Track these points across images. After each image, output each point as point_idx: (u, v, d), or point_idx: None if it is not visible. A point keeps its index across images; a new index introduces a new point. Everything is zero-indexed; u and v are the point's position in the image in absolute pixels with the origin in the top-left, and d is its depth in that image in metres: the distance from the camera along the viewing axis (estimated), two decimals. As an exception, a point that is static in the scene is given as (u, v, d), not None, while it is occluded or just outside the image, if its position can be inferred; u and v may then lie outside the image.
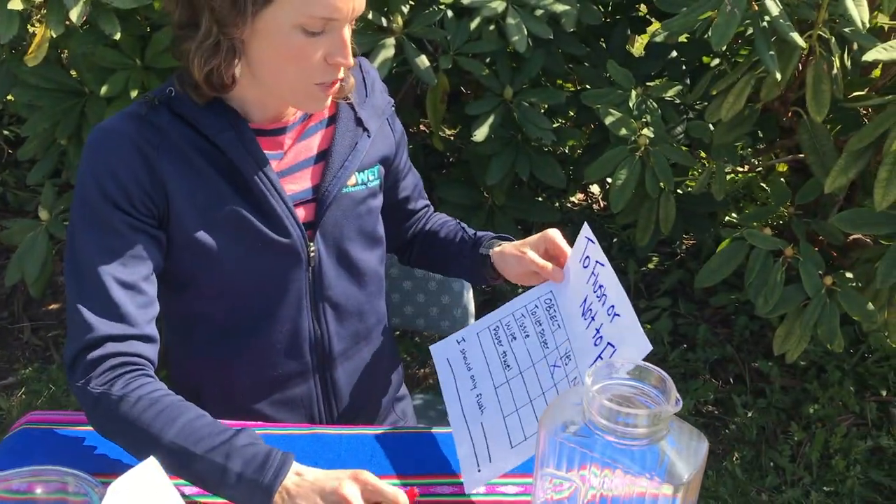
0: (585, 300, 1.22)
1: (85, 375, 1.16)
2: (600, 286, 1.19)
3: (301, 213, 1.32)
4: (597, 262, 1.22)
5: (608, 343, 1.16)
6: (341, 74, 1.21)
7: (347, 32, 1.18)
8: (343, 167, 1.33)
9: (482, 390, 1.27)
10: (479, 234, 1.50)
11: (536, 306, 1.31)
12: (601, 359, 1.15)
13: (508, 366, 1.28)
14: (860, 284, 1.98)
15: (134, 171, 1.20)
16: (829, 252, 2.28)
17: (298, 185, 1.32)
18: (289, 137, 1.32)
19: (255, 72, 1.22)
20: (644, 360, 1.02)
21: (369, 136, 1.36)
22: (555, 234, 1.32)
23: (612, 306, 1.17)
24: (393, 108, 1.45)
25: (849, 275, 1.97)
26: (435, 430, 1.32)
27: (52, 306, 3.02)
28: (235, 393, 1.39)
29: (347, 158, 1.34)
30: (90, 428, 1.22)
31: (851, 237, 2.31)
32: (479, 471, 1.19)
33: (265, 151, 1.28)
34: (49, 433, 1.29)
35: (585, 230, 1.25)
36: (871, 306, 1.86)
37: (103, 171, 1.20)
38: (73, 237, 1.22)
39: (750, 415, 2.60)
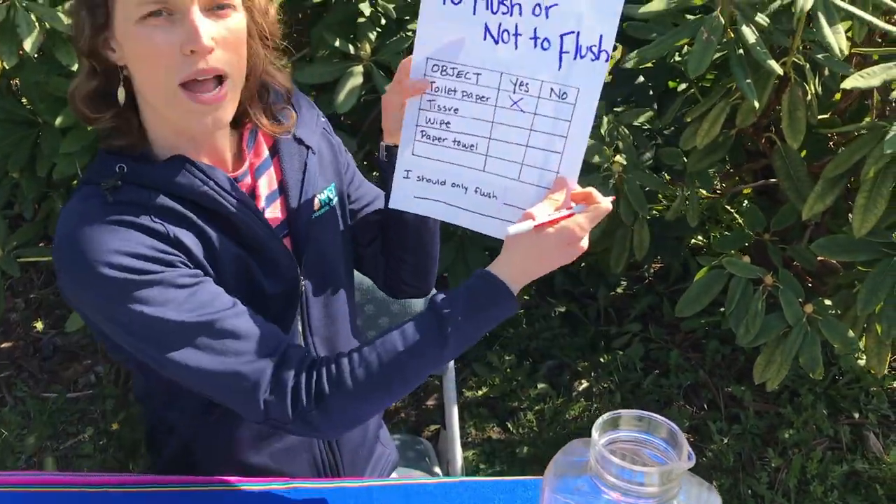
0: (497, 27, 1.14)
1: (296, 406, 1.12)
2: (500, 2, 1.12)
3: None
4: None
5: (562, 34, 1.11)
6: (205, 67, 1.08)
7: (204, 19, 1.07)
8: (302, 191, 1.28)
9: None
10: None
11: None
12: (566, 52, 1.11)
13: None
14: (839, 311, 1.97)
15: (144, 242, 1.10)
16: (803, 276, 2.27)
17: (272, 223, 1.26)
18: (250, 178, 1.26)
19: (143, 94, 1.14)
20: (616, 388, 0.98)
21: (314, 153, 1.31)
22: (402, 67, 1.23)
23: (537, 4, 1.11)
24: (323, 120, 1.39)
25: (828, 302, 1.95)
26: (437, 480, 1.28)
27: (4, 345, 2.89)
28: (234, 448, 1.32)
29: (303, 182, 1.28)
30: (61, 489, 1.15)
31: (818, 258, 2.31)
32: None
33: None
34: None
35: None
36: (851, 333, 1.85)
37: (117, 250, 1.08)
38: (144, 327, 1.09)
39: (726, 441, 2.58)
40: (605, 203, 1.14)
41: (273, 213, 1.27)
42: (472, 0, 1.14)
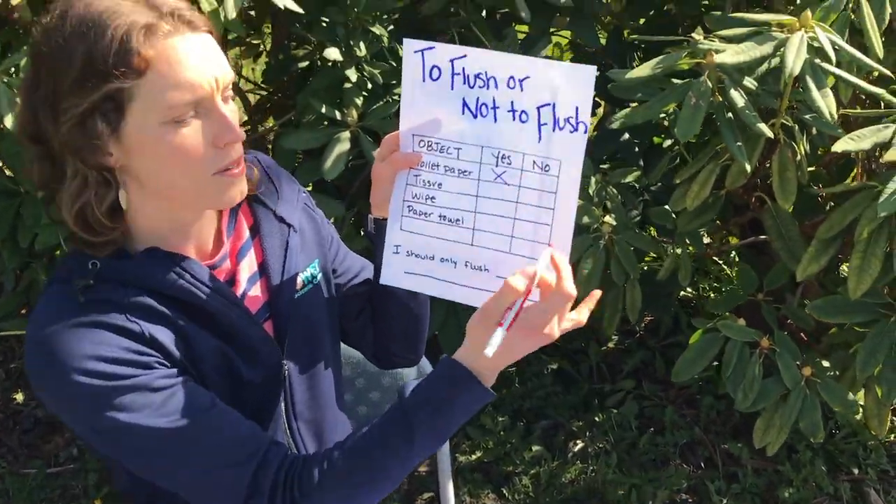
0: (475, 101, 1.14)
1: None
2: (476, 76, 1.13)
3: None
4: (450, 59, 1.14)
5: (538, 106, 1.11)
6: (238, 153, 1.10)
7: (225, 107, 1.07)
8: (284, 272, 1.25)
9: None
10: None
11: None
12: (544, 124, 1.12)
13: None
14: (837, 372, 1.95)
15: (116, 341, 1.05)
16: (797, 333, 2.25)
17: (253, 306, 1.23)
18: (228, 264, 1.23)
19: (155, 190, 1.09)
20: (612, 448, 0.96)
21: (296, 231, 1.28)
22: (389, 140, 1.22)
23: (510, 77, 1.12)
24: (304, 195, 1.36)
25: (826, 363, 1.93)
26: None
27: (-18, 417, 2.81)
28: None
29: (285, 262, 1.25)
30: None
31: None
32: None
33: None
34: None
35: (407, 46, 1.16)
36: (851, 396, 1.82)
37: (90, 356, 1.03)
38: (121, 434, 1.05)
39: (725, 501, 2.53)
40: (569, 289, 1.09)
41: (255, 295, 1.24)
42: (449, 75, 1.14)
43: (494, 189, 1.17)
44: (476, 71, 1.13)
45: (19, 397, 2.84)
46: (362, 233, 2.44)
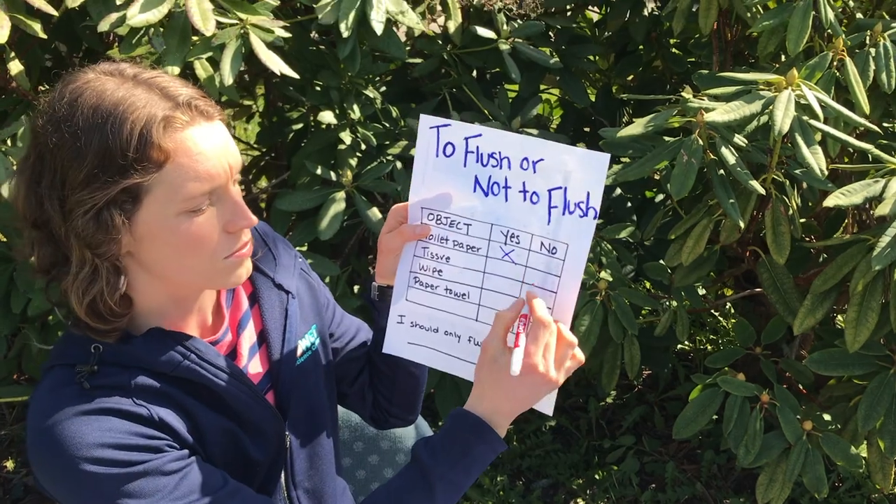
0: (487, 179, 1.16)
1: None
2: (490, 155, 1.14)
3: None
4: (465, 137, 1.15)
5: (550, 189, 1.12)
6: (248, 236, 1.12)
7: (236, 191, 1.08)
8: (284, 340, 1.24)
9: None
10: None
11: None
12: (554, 207, 1.13)
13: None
14: (838, 426, 1.94)
15: (125, 427, 1.03)
16: (795, 387, 2.24)
17: (254, 377, 1.23)
18: (229, 337, 1.22)
19: (160, 275, 1.08)
20: (625, 486, 0.96)
21: (294, 297, 1.28)
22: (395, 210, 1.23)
23: (524, 158, 1.13)
24: (300, 260, 1.36)
25: (827, 417, 1.92)
26: None
27: (-28, 486, 2.75)
28: None
29: (285, 330, 1.24)
30: None
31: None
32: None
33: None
34: None
35: (422, 122, 1.16)
36: (854, 450, 1.81)
37: (99, 444, 1.01)
38: None
39: (730, 559, 2.49)
40: (568, 336, 1.12)
41: (255, 366, 1.23)
42: (463, 153, 1.15)
43: (502, 267, 1.17)
44: (490, 150, 1.14)
45: (9, 465, 2.79)
46: (355, 290, 2.44)
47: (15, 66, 1.88)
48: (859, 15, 2.13)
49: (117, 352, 1.07)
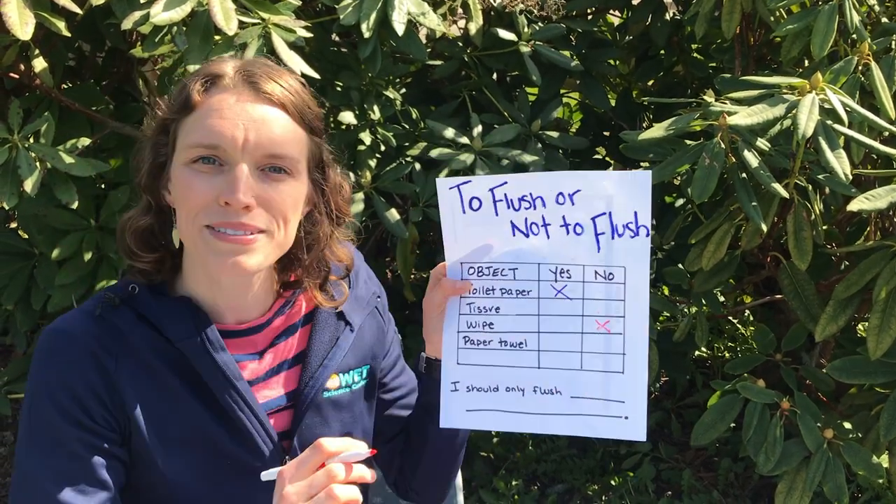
0: (523, 222, 1.14)
1: None
2: (520, 199, 1.12)
3: (278, 422, 1.18)
4: (490, 188, 1.13)
5: (593, 217, 1.11)
6: (236, 219, 1.05)
7: (243, 169, 1.04)
8: (322, 366, 1.19)
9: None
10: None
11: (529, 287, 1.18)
12: (601, 234, 1.11)
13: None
14: (859, 434, 1.92)
15: (90, 383, 1.07)
16: (816, 395, 2.22)
17: (274, 390, 1.19)
18: (265, 336, 1.19)
19: (182, 238, 1.12)
20: (641, 493, 0.95)
21: (352, 331, 1.23)
22: (436, 271, 1.20)
23: (559, 193, 1.11)
24: (379, 299, 1.31)
25: (847, 425, 1.90)
26: None
27: (-11, 481, 2.77)
28: None
29: (326, 357, 1.20)
30: None
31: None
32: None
33: (238, 354, 1.16)
34: None
35: (441, 185, 1.14)
36: (875, 459, 1.79)
37: (56, 382, 1.07)
38: (21, 458, 1.08)
39: (747, 569, 2.46)
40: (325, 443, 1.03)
41: (278, 380, 1.19)
42: (491, 203, 1.13)
43: (557, 305, 1.14)
44: (520, 194, 1.12)
45: (27, 461, 2.81)
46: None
47: (39, 64, 1.89)
48: (885, 19, 2.11)
49: (141, 301, 1.11)
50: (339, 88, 2.25)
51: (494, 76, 2.56)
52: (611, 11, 2.88)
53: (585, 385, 1.14)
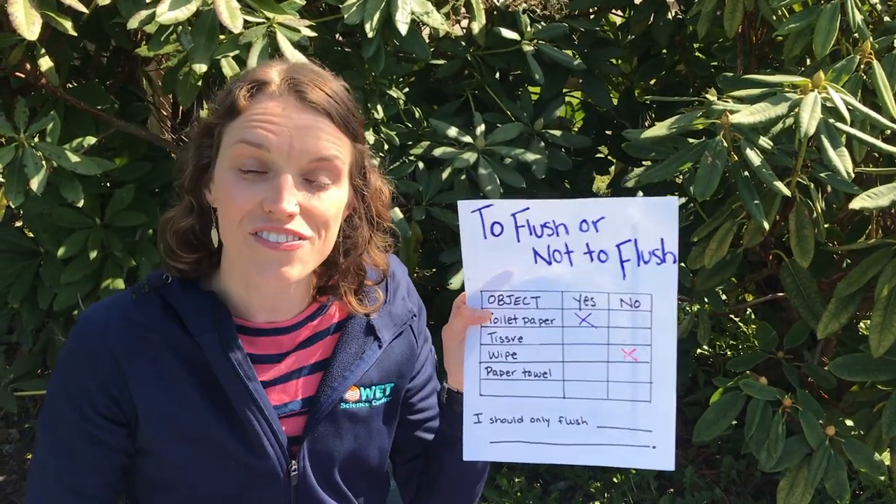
0: (545, 249, 1.12)
1: None
2: (543, 225, 1.11)
3: (289, 426, 1.18)
4: (512, 213, 1.11)
5: (618, 244, 1.09)
6: (280, 225, 1.05)
7: (288, 178, 1.05)
8: (343, 377, 1.19)
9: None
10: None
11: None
12: (627, 261, 1.10)
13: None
14: (861, 432, 1.92)
15: (100, 375, 1.11)
16: (818, 393, 2.22)
17: (291, 395, 1.19)
18: (292, 339, 1.20)
19: (222, 234, 1.12)
20: (643, 490, 0.97)
21: (380, 347, 1.22)
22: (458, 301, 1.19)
23: (582, 220, 1.09)
24: (415, 317, 1.30)
25: (850, 422, 1.91)
26: None
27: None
28: None
29: (349, 368, 1.20)
30: None
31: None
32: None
33: (261, 353, 1.17)
34: None
35: (462, 208, 1.12)
36: (877, 457, 1.79)
37: (70, 369, 1.13)
38: (38, 430, 1.17)
39: (749, 566, 2.47)
40: None
41: (296, 385, 1.20)
42: (513, 230, 1.12)
43: (581, 334, 1.13)
44: (542, 221, 1.11)
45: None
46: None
47: (45, 63, 1.90)
48: (887, 18, 2.12)
49: (173, 292, 1.14)
50: (342, 87, 2.26)
51: (497, 75, 2.57)
52: (613, 11, 2.89)
53: (612, 414, 1.13)
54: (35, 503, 1.17)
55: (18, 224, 2.60)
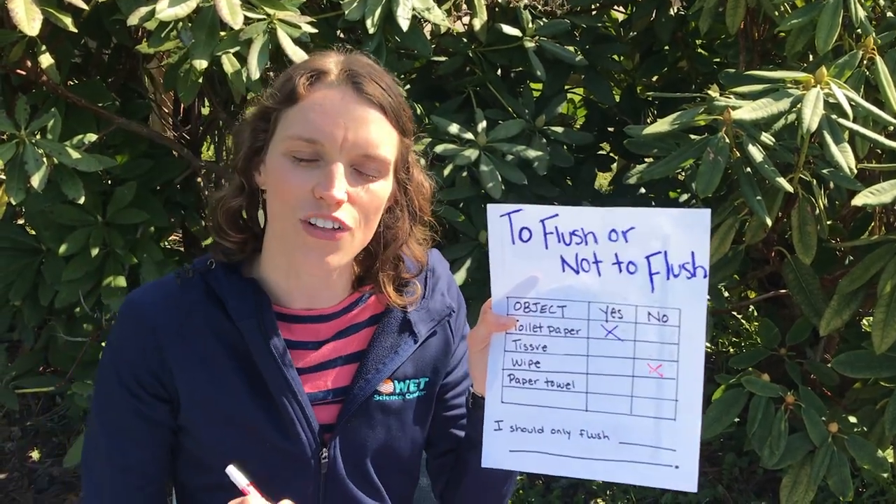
0: (573, 257, 1.09)
1: None
2: (572, 233, 1.08)
3: (322, 414, 1.20)
4: (540, 219, 1.09)
5: (647, 256, 1.06)
6: (328, 213, 1.07)
7: (339, 166, 1.08)
8: (377, 370, 1.21)
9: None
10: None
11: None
12: (656, 273, 1.06)
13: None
14: (864, 428, 1.92)
15: (145, 354, 1.15)
16: (819, 389, 2.22)
17: (326, 383, 1.21)
18: (330, 328, 1.22)
19: (270, 217, 1.15)
20: (646, 487, 0.97)
21: (415, 342, 1.23)
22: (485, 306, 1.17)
23: (612, 230, 1.06)
24: (454, 314, 1.29)
25: (853, 419, 1.90)
26: None
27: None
28: None
29: (383, 361, 1.21)
30: None
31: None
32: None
33: (299, 340, 1.19)
34: None
35: (491, 211, 1.10)
36: (880, 453, 1.79)
37: (118, 348, 1.18)
38: (93, 406, 1.22)
39: (751, 563, 2.47)
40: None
41: (332, 374, 1.21)
42: (541, 236, 1.09)
43: (607, 346, 1.10)
44: (571, 228, 1.08)
45: (35, 455, 2.82)
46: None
47: (46, 60, 1.90)
48: (890, 14, 2.11)
49: (216, 277, 1.17)
50: (344, 84, 2.25)
51: (499, 72, 2.57)
52: (615, 7, 2.88)
53: (635, 431, 1.10)
54: (89, 484, 1.20)
55: (20, 222, 2.60)
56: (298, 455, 1.18)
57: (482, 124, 2.24)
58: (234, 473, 1.08)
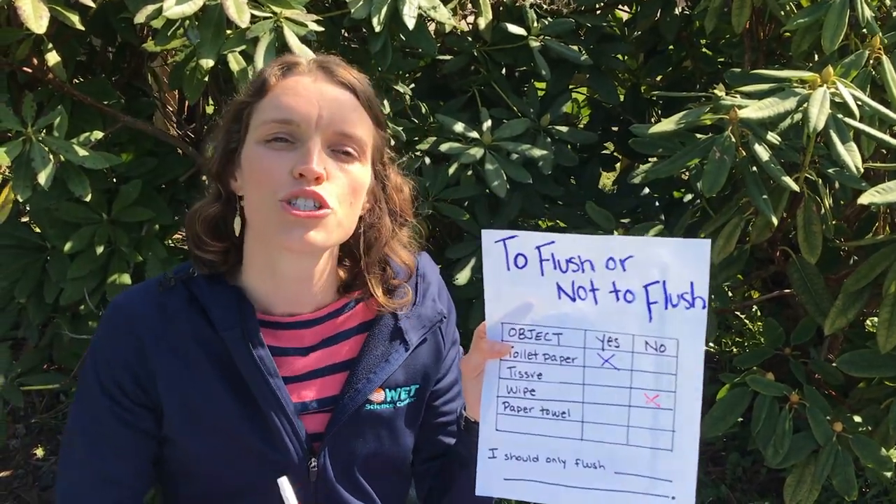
0: (570, 285, 1.08)
1: None
2: (568, 260, 1.07)
3: (311, 423, 1.19)
4: (536, 246, 1.07)
5: (646, 285, 1.05)
6: (308, 190, 1.06)
7: (316, 142, 1.07)
8: (368, 379, 1.19)
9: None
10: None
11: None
12: (654, 303, 1.05)
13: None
14: (868, 428, 1.92)
15: (128, 360, 1.13)
16: (825, 389, 2.22)
17: (315, 392, 1.20)
18: (314, 334, 1.20)
19: (249, 218, 1.14)
20: None
21: (406, 350, 1.22)
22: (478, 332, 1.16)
23: (609, 258, 1.06)
24: (444, 320, 1.29)
25: (857, 419, 1.90)
26: None
27: (2, 474, 2.79)
28: None
29: (374, 370, 1.20)
30: None
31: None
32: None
33: (283, 347, 1.17)
34: None
35: (486, 237, 1.08)
36: (884, 452, 1.79)
37: (101, 352, 1.16)
38: (73, 411, 1.19)
39: (755, 562, 2.47)
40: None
41: (322, 383, 1.20)
42: (537, 262, 1.08)
43: (603, 375, 1.09)
44: (567, 256, 1.07)
45: (39, 452, 2.83)
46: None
47: (52, 58, 1.90)
48: (896, 13, 2.11)
49: (199, 285, 1.16)
50: (349, 83, 2.25)
51: (504, 71, 2.57)
52: (620, 6, 2.88)
53: (631, 461, 1.09)
54: (65, 485, 1.18)
55: (25, 220, 2.61)
56: (286, 464, 1.16)
57: (487, 123, 2.24)
58: (286, 487, 1.07)
